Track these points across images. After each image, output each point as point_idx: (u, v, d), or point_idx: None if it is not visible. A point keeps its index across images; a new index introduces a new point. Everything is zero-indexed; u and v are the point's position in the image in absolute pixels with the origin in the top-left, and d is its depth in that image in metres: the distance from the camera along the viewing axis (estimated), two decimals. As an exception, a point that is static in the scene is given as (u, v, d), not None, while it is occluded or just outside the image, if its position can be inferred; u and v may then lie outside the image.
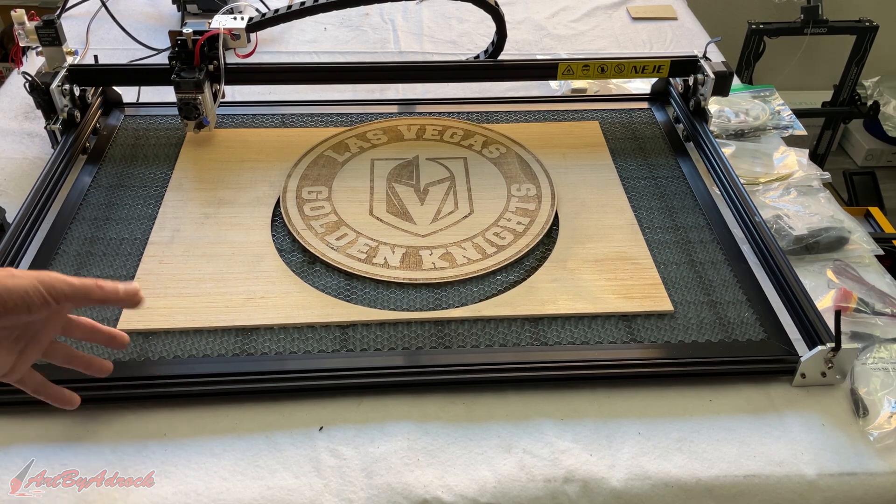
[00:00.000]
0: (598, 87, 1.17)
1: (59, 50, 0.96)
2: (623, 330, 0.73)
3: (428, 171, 0.94)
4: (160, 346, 0.70)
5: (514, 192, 0.91)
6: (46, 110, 0.94)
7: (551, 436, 0.65)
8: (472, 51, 1.27)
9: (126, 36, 1.25)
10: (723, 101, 1.10)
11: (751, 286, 0.78)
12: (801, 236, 0.85)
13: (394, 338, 0.72)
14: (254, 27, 0.96)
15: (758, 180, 0.96)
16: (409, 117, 1.04)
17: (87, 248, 0.81)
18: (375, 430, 0.65)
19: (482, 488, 0.61)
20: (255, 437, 0.65)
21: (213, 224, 0.85)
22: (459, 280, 0.78)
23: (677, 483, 0.62)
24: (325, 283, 0.77)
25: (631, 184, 0.93)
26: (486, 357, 0.70)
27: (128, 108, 1.05)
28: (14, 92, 1.11)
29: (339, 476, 0.62)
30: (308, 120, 1.04)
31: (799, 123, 1.09)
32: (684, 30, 1.38)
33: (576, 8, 1.43)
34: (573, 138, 1.01)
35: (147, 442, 0.64)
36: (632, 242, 0.83)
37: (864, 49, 1.98)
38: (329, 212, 0.87)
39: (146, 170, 0.93)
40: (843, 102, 2.12)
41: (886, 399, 0.68)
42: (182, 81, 0.91)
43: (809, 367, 0.69)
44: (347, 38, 1.31)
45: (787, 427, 0.66)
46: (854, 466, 0.64)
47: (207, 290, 0.76)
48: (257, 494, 0.60)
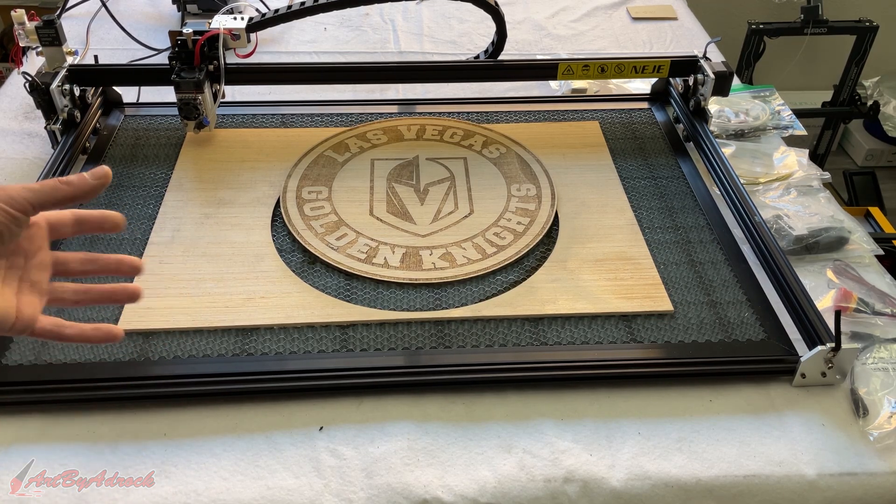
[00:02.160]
0: (598, 87, 1.17)
1: (59, 50, 0.96)
2: (623, 330, 0.73)
3: (428, 171, 0.94)
4: (160, 346, 0.70)
5: (514, 192, 0.91)
6: (46, 110, 0.94)
7: (551, 436, 0.65)
8: (472, 51, 1.27)
9: (126, 36, 1.24)
10: (723, 101, 1.10)
11: (751, 286, 0.78)
12: (801, 236, 0.85)
13: (394, 338, 0.72)
14: (254, 27, 0.96)
15: (758, 180, 0.96)
16: (409, 117, 1.04)
17: (87, 249, 0.81)
18: (375, 430, 0.65)
19: (482, 488, 0.61)
20: (255, 437, 0.65)
21: (213, 224, 0.85)
22: (459, 280, 0.78)
23: (677, 483, 0.62)
24: (325, 283, 0.77)
25: (631, 184, 0.93)
26: (486, 357, 0.70)
27: (128, 108, 1.05)
28: (14, 92, 1.11)
29: (339, 476, 0.62)
30: (308, 120, 1.04)
31: (799, 123, 1.09)
32: (684, 30, 1.38)
33: (576, 8, 1.43)
34: (573, 138, 1.01)
35: (147, 442, 0.64)
36: (632, 242, 0.83)
37: (864, 49, 1.98)
38: (329, 212, 0.87)
39: (146, 170, 0.93)
40: (843, 102, 2.12)
41: (886, 399, 0.68)
42: (182, 81, 0.91)
43: (809, 367, 0.69)
44: (347, 38, 1.31)
45: (787, 427, 0.66)
46: (854, 466, 0.64)
47: (207, 290, 0.76)
48: (257, 494, 0.60)
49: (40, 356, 0.68)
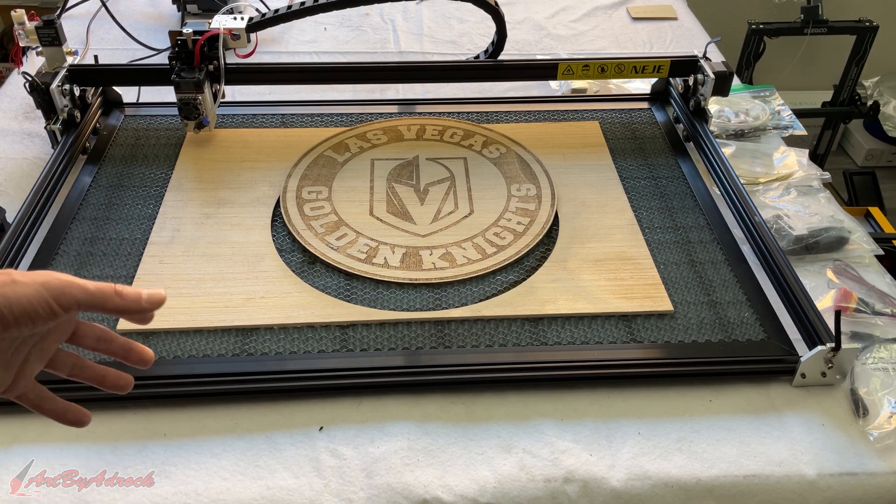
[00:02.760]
0: (598, 87, 1.17)
1: (59, 50, 0.96)
2: (623, 330, 0.73)
3: (428, 171, 0.94)
4: (160, 346, 0.70)
5: (514, 192, 0.91)
6: (46, 110, 0.94)
7: (551, 436, 0.65)
8: (472, 51, 1.27)
9: (126, 36, 1.24)
10: (723, 101, 1.10)
11: (751, 286, 0.78)
12: (801, 236, 0.85)
13: (394, 338, 0.72)
14: (254, 27, 0.96)
15: (758, 180, 0.96)
16: (409, 117, 1.04)
17: (87, 248, 0.81)
18: (375, 430, 0.65)
19: (482, 488, 0.61)
20: (255, 437, 0.65)
21: (213, 224, 0.85)
22: (459, 280, 0.78)
23: (677, 483, 0.62)
24: (325, 283, 0.77)
25: (631, 184, 0.93)
26: (486, 357, 0.70)
27: (128, 108, 1.05)
28: (14, 92, 1.11)
29: (339, 476, 0.62)
30: (308, 120, 1.04)
31: (799, 123, 1.09)
32: (684, 30, 1.38)
33: (576, 8, 1.43)
34: (573, 138, 1.01)
35: (147, 442, 0.64)
36: (632, 242, 0.83)
37: (864, 49, 1.98)
38: (329, 212, 0.87)
39: (146, 170, 0.93)
40: (843, 102, 2.12)
41: (886, 399, 0.68)
42: (182, 81, 0.91)
43: (809, 367, 0.69)
44: (347, 38, 1.31)
45: (787, 427, 0.66)
46: (854, 466, 0.64)
47: (207, 290, 0.76)
48: (257, 494, 0.60)
49: (40, 356, 0.68)
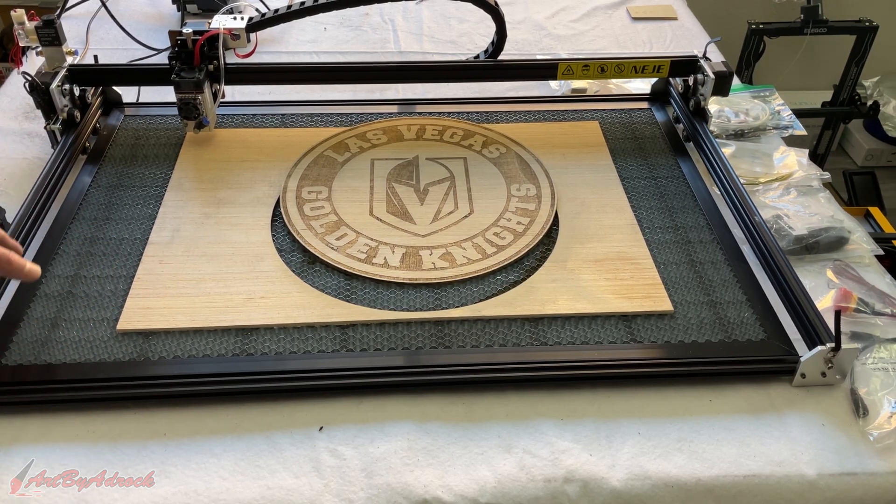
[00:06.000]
0: (598, 87, 1.17)
1: (59, 50, 0.96)
2: (623, 330, 0.73)
3: (428, 171, 0.94)
4: (160, 346, 0.70)
5: (514, 192, 0.91)
6: (46, 110, 0.94)
7: (551, 436, 0.65)
8: (472, 51, 1.27)
9: (126, 36, 1.24)
10: (723, 101, 1.10)
11: (751, 286, 0.78)
12: (801, 236, 0.85)
13: (394, 338, 0.72)
14: (254, 27, 0.96)
15: (758, 180, 0.96)
16: (409, 117, 1.04)
17: (87, 248, 0.81)
18: (375, 430, 0.65)
19: (482, 488, 0.61)
20: (255, 437, 0.65)
21: (213, 224, 0.85)
22: (459, 280, 0.78)
23: (677, 483, 0.62)
24: (325, 283, 0.77)
25: (631, 184, 0.93)
26: (486, 357, 0.70)
27: (128, 108, 1.05)
28: (14, 92, 1.11)
29: (339, 476, 0.62)
30: (308, 120, 1.04)
31: (799, 123, 1.09)
32: (684, 30, 1.38)
33: (576, 8, 1.43)
34: (573, 138, 1.01)
35: (147, 442, 0.64)
36: (632, 242, 0.83)
37: (864, 49, 1.98)
38: (329, 212, 0.87)
39: (146, 170, 0.93)
40: (843, 102, 2.12)
41: (886, 399, 0.68)
42: (182, 81, 0.91)
43: (809, 367, 0.69)
44: (347, 38, 1.31)
45: (787, 427, 0.66)
46: (854, 466, 0.64)
47: (207, 290, 0.76)
48: (257, 494, 0.60)
49: (40, 356, 0.68)
